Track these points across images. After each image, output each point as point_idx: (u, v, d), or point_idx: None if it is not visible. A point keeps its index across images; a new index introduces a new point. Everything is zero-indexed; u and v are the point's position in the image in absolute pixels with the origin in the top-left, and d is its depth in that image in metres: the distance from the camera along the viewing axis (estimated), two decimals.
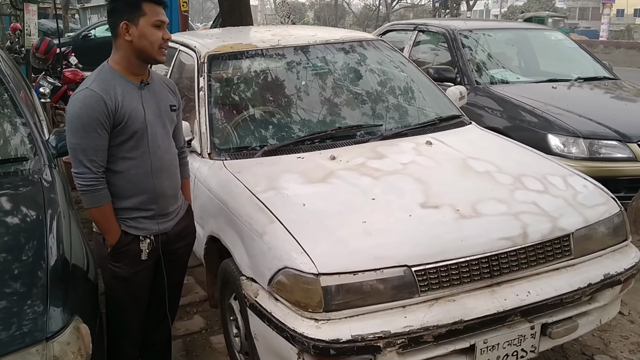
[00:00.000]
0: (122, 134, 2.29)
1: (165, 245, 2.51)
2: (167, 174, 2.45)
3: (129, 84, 2.33)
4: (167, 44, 2.33)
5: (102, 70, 2.34)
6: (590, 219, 2.62)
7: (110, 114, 2.23)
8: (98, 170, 2.27)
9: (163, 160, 2.42)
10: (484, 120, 5.03)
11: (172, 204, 2.51)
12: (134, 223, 2.41)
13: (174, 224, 2.53)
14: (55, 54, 8.35)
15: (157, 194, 2.41)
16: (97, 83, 2.27)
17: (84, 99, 2.23)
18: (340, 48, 3.89)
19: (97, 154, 2.25)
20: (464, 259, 2.34)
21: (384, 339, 2.15)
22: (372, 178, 2.77)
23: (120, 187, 2.36)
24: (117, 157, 2.32)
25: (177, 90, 2.60)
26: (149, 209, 2.41)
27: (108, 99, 2.23)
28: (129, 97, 2.30)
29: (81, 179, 2.26)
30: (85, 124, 2.21)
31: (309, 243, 2.31)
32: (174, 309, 2.81)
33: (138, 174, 2.35)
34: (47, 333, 1.92)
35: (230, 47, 3.63)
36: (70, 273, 2.29)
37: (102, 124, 2.22)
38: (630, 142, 4.55)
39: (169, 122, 2.48)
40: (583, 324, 2.57)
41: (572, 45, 6.58)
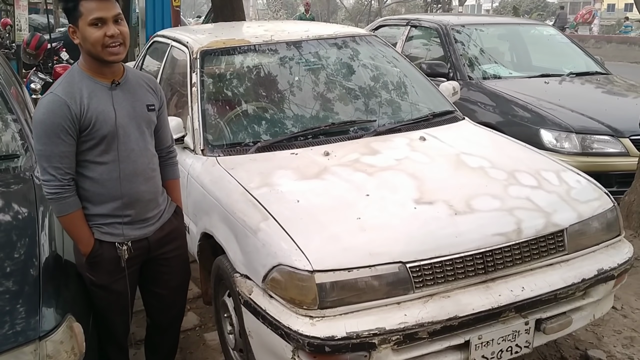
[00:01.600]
0: (91, 139, 2.18)
1: (148, 251, 2.42)
2: (143, 178, 2.33)
3: (98, 85, 2.21)
4: (116, 39, 2.14)
5: (70, 73, 2.24)
6: (584, 214, 2.62)
7: (74, 119, 2.12)
8: (63, 177, 2.17)
9: (137, 164, 2.29)
10: (477, 115, 5.03)
11: (151, 209, 2.39)
12: (109, 229, 2.30)
13: (155, 228, 2.41)
14: (46, 49, 8.28)
15: (133, 199, 2.30)
16: (63, 87, 2.17)
17: (47, 104, 2.14)
18: (333, 43, 3.88)
19: (62, 160, 2.15)
20: (459, 255, 2.34)
21: (379, 336, 2.15)
22: (366, 174, 2.76)
23: (93, 193, 2.26)
24: (88, 162, 2.22)
25: (158, 88, 2.46)
26: (124, 215, 2.30)
27: (72, 103, 2.13)
28: (96, 99, 2.18)
29: (46, 186, 2.18)
30: (48, 130, 2.11)
31: (303, 240, 2.31)
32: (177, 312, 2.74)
33: (111, 179, 2.25)
34: (40, 332, 1.91)
35: (223, 42, 3.61)
36: (63, 271, 2.29)
37: (66, 129, 2.12)
38: (622, 136, 4.57)
39: (145, 123, 2.34)
40: (577, 319, 2.58)
41: (564, 40, 6.59)
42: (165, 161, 2.53)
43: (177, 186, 2.63)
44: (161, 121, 2.47)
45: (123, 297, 2.42)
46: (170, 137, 2.60)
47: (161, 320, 2.68)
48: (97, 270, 2.34)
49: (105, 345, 2.53)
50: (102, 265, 2.32)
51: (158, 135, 2.46)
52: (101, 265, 2.32)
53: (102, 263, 2.32)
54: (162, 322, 2.69)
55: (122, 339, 2.58)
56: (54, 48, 8.70)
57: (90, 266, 2.33)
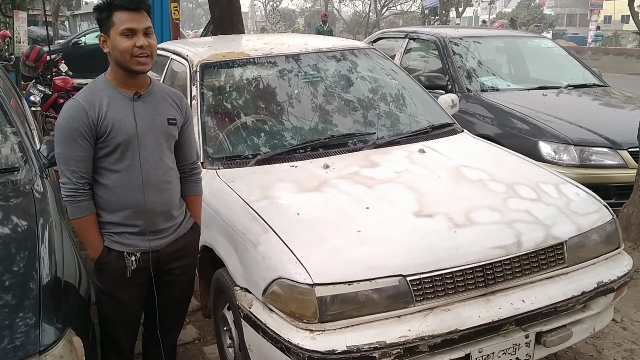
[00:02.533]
0: (107, 146, 2.25)
1: (157, 263, 2.42)
2: (156, 189, 2.34)
3: (120, 95, 2.29)
4: (144, 50, 2.22)
5: (96, 82, 2.34)
6: (583, 227, 2.63)
7: (91, 125, 2.21)
8: (79, 181, 2.24)
9: (150, 174, 2.32)
10: (475, 127, 5.05)
11: (163, 221, 2.40)
12: (119, 238, 2.34)
13: (168, 242, 2.42)
14: (46, 61, 8.30)
15: (144, 209, 2.32)
16: (85, 94, 2.28)
17: (68, 109, 2.24)
18: (332, 56, 3.89)
19: (78, 164, 2.23)
20: (459, 268, 2.34)
21: (379, 350, 2.15)
22: (366, 187, 2.77)
23: (106, 200, 2.31)
24: (103, 169, 2.29)
25: (184, 104, 2.49)
26: (134, 225, 2.33)
27: (90, 109, 2.22)
28: (115, 108, 2.26)
29: (63, 189, 2.27)
30: (66, 134, 2.22)
31: (304, 253, 2.31)
32: (174, 328, 2.75)
33: (122, 187, 2.29)
34: (40, 346, 1.90)
35: (223, 55, 3.62)
36: (63, 284, 2.27)
37: (83, 134, 2.21)
38: (620, 148, 4.59)
39: (164, 136, 2.37)
40: (577, 332, 2.57)
41: (561, 52, 6.63)
42: (188, 177, 2.55)
43: (198, 203, 2.63)
44: (185, 137, 2.49)
45: (128, 307, 2.45)
46: (195, 153, 2.60)
47: (157, 331, 2.66)
48: (104, 277, 2.39)
49: (108, 352, 2.54)
50: (108, 272, 2.37)
51: (182, 150, 2.49)
52: (107, 272, 2.37)
53: (108, 270, 2.36)
54: (159, 334, 2.67)
55: (125, 348, 2.57)
56: (53, 60, 8.72)
57: (97, 272, 2.39)
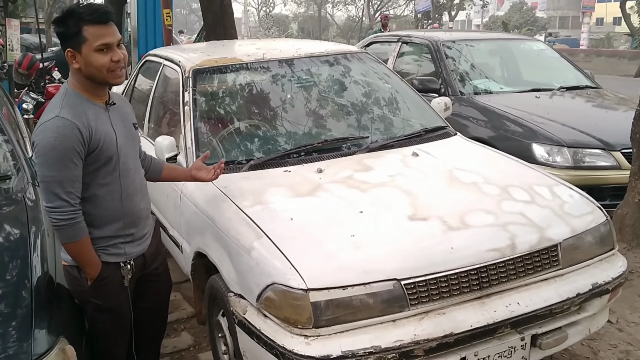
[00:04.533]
0: (97, 161, 2.18)
1: (143, 267, 2.46)
2: (141, 195, 2.39)
3: (96, 107, 2.21)
4: (120, 64, 2.16)
5: (67, 95, 2.18)
6: (577, 228, 2.63)
7: (85, 142, 2.11)
8: (75, 202, 2.13)
9: (135, 182, 2.35)
10: (469, 130, 5.05)
11: (147, 225, 2.46)
12: (113, 250, 2.30)
13: (148, 244, 2.47)
14: (38, 69, 8.27)
15: (134, 217, 2.34)
16: (67, 110, 2.12)
17: (57, 128, 2.07)
18: (325, 61, 3.89)
19: (74, 185, 2.12)
20: (453, 271, 2.33)
21: (374, 354, 2.13)
22: (360, 191, 2.76)
23: (96, 216, 2.24)
24: (91, 185, 2.20)
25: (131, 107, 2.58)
26: (127, 234, 2.32)
27: (82, 126, 2.11)
28: (100, 121, 2.19)
29: (58, 213, 2.10)
30: (61, 155, 2.07)
31: (298, 258, 2.29)
32: (160, 326, 2.75)
33: (113, 200, 2.25)
34: (33, 356, 1.89)
35: (215, 61, 3.62)
36: (55, 293, 2.26)
37: (78, 153, 2.10)
38: (613, 150, 4.59)
39: (136, 141, 2.42)
40: (572, 334, 2.57)
41: (554, 54, 6.65)
42: (146, 159, 2.62)
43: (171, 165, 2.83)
44: None
45: (125, 317, 2.43)
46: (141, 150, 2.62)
47: (145, 335, 2.64)
48: (104, 293, 2.31)
49: None
50: (108, 287, 2.31)
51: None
52: (108, 287, 2.31)
53: (108, 285, 2.30)
54: (146, 337, 2.66)
55: (122, 358, 2.55)
56: (46, 68, 8.69)
57: (97, 290, 2.29)
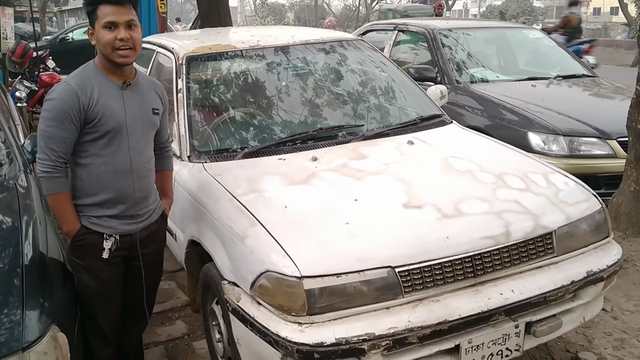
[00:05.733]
0: (95, 131, 2.31)
1: (130, 248, 2.49)
2: (138, 176, 2.44)
3: (110, 83, 2.36)
4: (125, 43, 2.29)
5: (86, 68, 2.39)
6: (572, 216, 2.62)
7: (81, 110, 2.26)
8: (57, 159, 2.29)
9: (134, 162, 2.42)
10: (465, 119, 5.04)
11: (140, 207, 2.49)
12: (98, 221, 2.40)
13: (142, 227, 2.50)
14: (32, 57, 8.22)
15: (124, 194, 2.41)
16: (77, 79, 2.32)
17: (60, 91, 2.28)
18: (321, 48, 3.87)
19: (59, 144, 2.28)
20: (447, 258, 2.32)
21: (368, 341, 2.13)
22: (354, 179, 2.75)
23: (89, 184, 2.37)
24: (89, 153, 2.35)
25: (164, 94, 2.62)
26: (114, 209, 2.41)
27: (82, 94, 2.27)
28: (106, 95, 2.32)
29: (40, 164, 2.31)
30: (55, 114, 2.26)
31: (292, 246, 2.28)
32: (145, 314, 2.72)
33: (107, 172, 2.36)
34: (23, 343, 1.88)
35: (209, 48, 3.59)
36: (47, 280, 2.25)
37: (71, 117, 2.25)
38: (609, 138, 4.59)
39: (149, 125, 2.49)
40: (567, 322, 2.57)
41: (550, 43, 6.63)
42: (162, 154, 2.70)
43: (170, 177, 2.82)
44: (162, 123, 2.65)
45: (107, 287, 2.48)
46: (168, 135, 2.77)
47: (127, 319, 2.66)
48: (81, 254, 2.42)
49: (90, 336, 2.52)
50: (85, 248, 2.41)
51: (159, 135, 2.64)
52: (85, 248, 2.41)
53: (85, 247, 2.41)
54: (128, 321, 2.68)
55: (106, 331, 2.55)
56: (40, 56, 8.64)
57: (74, 249, 2.43)
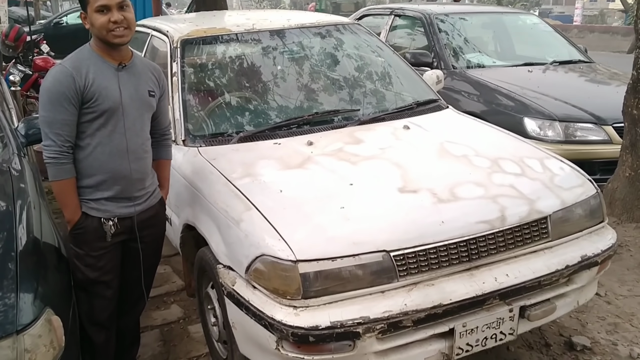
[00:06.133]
0: (92, 112, 2.32)
1: (130, 231, 2.49)
2: (134, 157, 2.44)
3: (105, 64, 2.37)
4: (120, 25, 2.30)
5: (81, 50, 2.40)
6: (567, 201, 2.62)
7: (78, 90, 2.27)
8: (63, 144, 2.30)
9: (130, 142, 2.42)
10: (461, 104, 5.03)
11: (137, 189, 2.48)
12: (95, 205, 2.40)
13: (140, 209, 2.51)
14: (26, 41, 8.15)
15: (120, 175, 2.41)
16: (72, 60, 2.34)
17: (55, 74, 2.30)
18: (317, 32, 3.84)
19: (63, 128, 2.29)
20: (443, 243, 2.33)
21: (363, 325, 2.14)
22: (350, 163, 2.74)
23: (86, 165, 2.38)
24: (85, 134, 2.35)
25: (161, 78, 2.61)
26: (111, 190, 2.41)
27: (77, 75, 2.28)
28: (102, 76, 2.33)
29: (46, 151, 2.31)
30: (53, 97, 2.27)
31: (287, 230, 2.28)
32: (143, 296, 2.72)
33: (103, 153, 2.37)
34: (18, 326, 1.87)
35: (204, 31, 3.56)
36: (41, 264, 2.24)
37: (69, 98, 2.26)
38: (605, 124, 4.59)
39: (145, 107, 2.49)
40: (561, 306, 2.58)
41: (547, 29, 6.60)
42: (160, 142, 2.67)
43: (168, 166, 2.79)
44: (161, 108, 2.62)
45: (106, 273, 2.49)
46: (168, 121, 2.75)
47: (123, 302, 2.67)
48: (80, 242, 2.43)
49: (87, 324, 2.52)
50: (85, 237, 2.41)
51: (157, 120, 2.62)
52: (85, 237, 2.41)
53: (85, 235, 2.41)
54: (124, 304, 2.68)
55: (103, 318, 2.55)
56: (34, 40, 8.57)
57: (74, 237, 2.43)
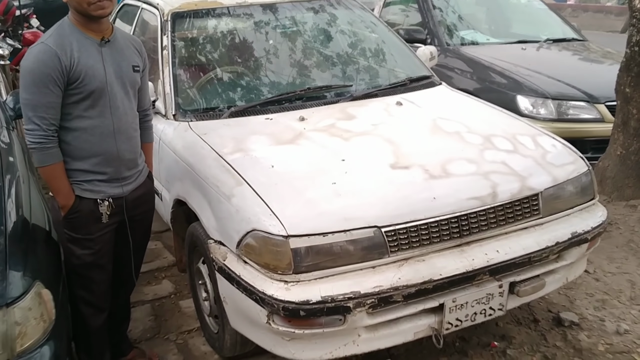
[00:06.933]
0: (79, 93, 2.20)
1: (123, 211, 2.44)
2: (125, 137, 2.36)
3: (88, 40, 2.23)
4: None
5: (61, 25, 2.25)
6: (559, 178, 2.62)
7: (64, 71, 2.14)
8: (48, 128, 2.18)
9: (121, 122, 2.33)
10: (454, 81, 5.00)
11: (129, 168, 2.42)
12: (89, 186, 2.33)
13: (131, 188, 2.45)
14: (15, 15, 8.03)
15: (113, 156, 2.33)
16: (54, 38, 2.18)
17: (38, 53, 2.14)
18: (310, 7, 3.80)
19: (48, 111, 2.16)
20: (434, 219, 2.33)
21: (353, 300, 2.14)
22: (342, 139, 2.73)
23: (76, 147, 2.28)
24: (73, 116, 2.24)
25: (143, 50, 2.49)
26: (103, 172, 2.33)
27: (63, 54, 2.14)
28: (86, 54, 2.21)
29: (30, 135, 2.19)
30: (36, 79, 2.13)
31: (278, 205, 2.28)
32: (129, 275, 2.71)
33: (94, 134, 2.27)
34: (7, 299, 1.87)
35: (195, 4, 3.51)
36: (31, 238, 2.23)
37: (55, 80, 2.13)
38: (597, 103, 4.59)
39: (130, 83, 2.38)
40: (550, 282, 2.59)
41: (541, 6, 6.57)
42: (141, 123, 2.54)
43: (151, 149, 2.70)
44: (143, 83, 2.51)
45: (101, 256, 2.43)
46: (148, 100, 2.63)
47: (115, 282, 2.63)
48: (76, 227, 2.35)
49: (81, 307, 2.49)
50: (80, 221, 2.34)
51: (139, 96, 2.49)
52: (80, 221, 2.34)
53: (80, 219, 2.34)
54: (116, 283, 2.64)
55: (99, 300, 2.52)
56: (24, 15, 8.45)
57: (69, 222, 2.35)
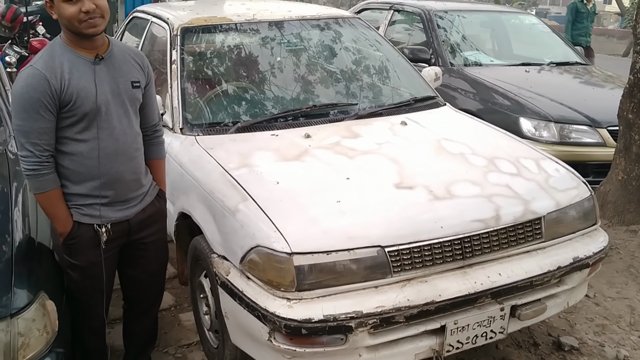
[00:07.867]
0: (72, 115, 2.11)
1: (128, 234, 2.36)
2: (125, 157, 2.25)
3: (80, 59, 2.14)
4: (92, 14, 2.05)
5: (52, 45, 2.16)
6: (562, 202, 2.64)
7: (54, 94, 2.05)
8: (42, 154, 2.09)
9: (119, 143, 2.22)
10: (457, 102, 5.03)
11: (133, 190, 2.32)
12: (88, 210, 2.23)
13: (136, 210, 2.35)
14: (22, 22, 8.09)
15: (113, 178, 2.23)
16: (44, 60, 2.10)
17: (27, 78, 2.06)
18: (316, 25, 3.84)
19: (40, 136, 2.08)
20: (437, 240, 2.34)
21: (355, 319, 2.15)
22: (347, 157, 2.75)
23: (72, 171, 2.19)
24: (68, 139, 2.15)
25: (146, 63, 2.37)
26: (104, 196, 2.23)
27: (53, 77, 2.05)
28: (78, 74, 2.11)
29: (24, 162, 2.10)
30: (27, 105, 2.04)
31: (282, 221, 2.28)
32: (156, 300, 2.69)
33: (91, 157, 2.17)
34: (12, 309, 1.88)
35: (204, 20, 3.55)
36: (36, 248, 2.24)
37: (46, 105, 2.05)
38: (599, 127, 4.62)
39: (129, 100, 2.26)
40: (551, 306, 2.60)
41: (545, 29, 6.62)
42: (150, 140, 2.45)
43: (162, 166, 2.57)
44: (147, 98, 2.38)
45: (99, 281, 2.33)
46: (157, 115, 2.51)
47: (138, 305, 2.63)
48: (75, 253, 2.27)
49: (80, 330, 2.43)
50: (80, 247, 2.26)
51: (144, 112, 2.39)
52: (79, 247, 2.26)
53: (79, 245, 2.25)
54: (139, 307, 2.64)
55: (96, 324, 2.46)
56: (30, 22, 8.51)
57: (68, 248, 2.26)
